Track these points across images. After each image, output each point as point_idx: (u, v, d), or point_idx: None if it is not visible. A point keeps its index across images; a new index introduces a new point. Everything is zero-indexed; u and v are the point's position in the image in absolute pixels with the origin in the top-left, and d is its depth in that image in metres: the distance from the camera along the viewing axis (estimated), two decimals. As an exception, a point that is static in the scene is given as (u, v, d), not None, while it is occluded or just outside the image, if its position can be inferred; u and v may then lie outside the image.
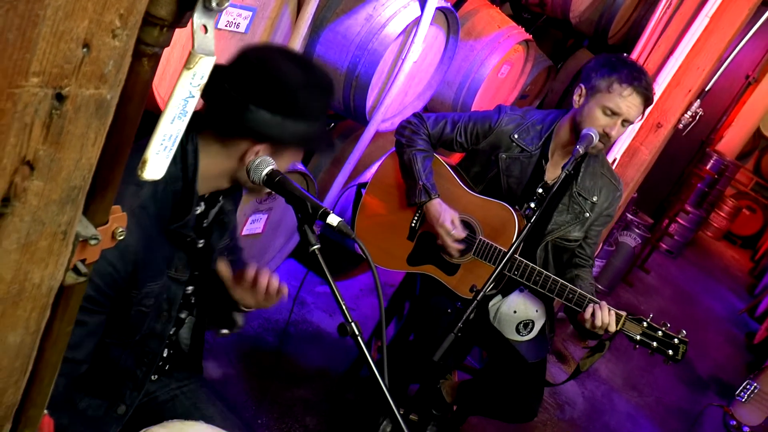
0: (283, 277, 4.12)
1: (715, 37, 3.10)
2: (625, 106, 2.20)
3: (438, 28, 3.15)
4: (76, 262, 0.71)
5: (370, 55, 2.73)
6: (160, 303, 1.52)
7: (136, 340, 1.51)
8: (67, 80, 0.62)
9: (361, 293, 4.11)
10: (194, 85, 0.69)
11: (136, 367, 1.55)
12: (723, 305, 7.83)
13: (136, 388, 1.57)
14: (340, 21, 2.75)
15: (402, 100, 3.28)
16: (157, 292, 1.48)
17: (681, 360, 2.18)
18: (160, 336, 1.57)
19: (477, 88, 3.72)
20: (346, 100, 2.89)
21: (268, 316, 3.39)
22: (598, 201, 2.40)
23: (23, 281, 0.68)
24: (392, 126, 3.33)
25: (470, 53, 3.70)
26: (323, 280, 1.36)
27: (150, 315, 1.50)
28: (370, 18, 2.73)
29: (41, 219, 0.66)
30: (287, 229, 3.06)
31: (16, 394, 0.75)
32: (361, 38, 2.73)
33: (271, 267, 3.06)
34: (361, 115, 2.95)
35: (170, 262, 1.50)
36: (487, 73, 3.68)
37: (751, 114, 9.97)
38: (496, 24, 3.80)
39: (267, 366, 3.07)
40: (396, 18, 2.73)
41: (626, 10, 5.00)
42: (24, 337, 0.72)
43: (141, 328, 1.50)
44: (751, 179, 12.32)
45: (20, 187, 0.61)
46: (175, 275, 1.53)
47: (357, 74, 2.76)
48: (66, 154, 0.65)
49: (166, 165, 0.73)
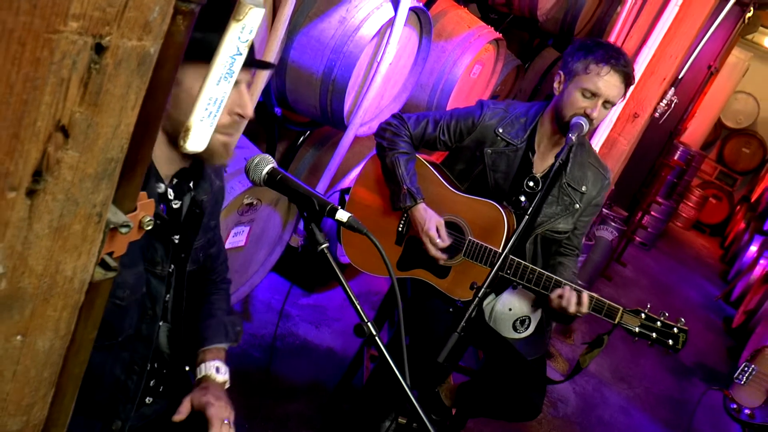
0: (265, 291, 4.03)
1: (685, 25, 3.12)
2: (604, 85, 2.17)
3: (411, 29, 3.12)
4: (103, 255, 0.63)
5: (346, 58, 2.68)
6: (142, 300, 1.45)
7: (119, 341, 1.43)
8: (109, 27, 0.54)
9: (346, 303, 4.04)
10: (242, 41, 0.62)
11: (126, 376, 1.47)
12: (699, 293, 7.93)
13: (130, 400, 1.49)
14: (314, 25, 2.70)
15: (378, 103, 3.24)
16: (132, 284, 1.40)
17: (681, 349, 2.15)
18: (147, 338, 1.49)
19: (451, 89, 3.70)
20: (323, 105, 2.83)
21: (253, 332, 3.31)
22: (587, 191, 2.38)
23: (54, 274, 0.60)
24: (370, 130, 3.29)
25: (442, 54, 3.68)
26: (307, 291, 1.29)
27: (131, 312, 1.43)
28: (344, 20, 2.69)
29: (75, 198, 0.58)
30: (269, 242, 2.99)
31: (43, 410, 0.67)
32: (336, 41, 2.68)
33: (255, 281, 2.98)
34: (339, 120, 2.90)
35: (145, 251, 1.43)
36: (459, 73, 3.66)
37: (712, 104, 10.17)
38: (465, 24, 3.78)
39: (256, 382, 2.98)
40: (370, 20, 2.69)
41: (590, 7, 5.05)
42: (53, 341, 0.63)
43: (122, 328, 1.42)
44: (715, 168, 12.59)
45: (53, 158, 0.53)
46: (153, 268, 1.46)
47: (333, 78, 2.71)
48: (104, 119, 0.57)
49: (210, 134, 0.65)
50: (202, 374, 1.62)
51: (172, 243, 1.51)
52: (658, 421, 4.43)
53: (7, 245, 0.54)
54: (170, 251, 1.51)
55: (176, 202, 1.52)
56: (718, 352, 6.20)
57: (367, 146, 3.57)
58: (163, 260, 1.48)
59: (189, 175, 1.52)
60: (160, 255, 1.47)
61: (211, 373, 1.61)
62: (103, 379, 1.45)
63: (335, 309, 3.92)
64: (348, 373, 2.93)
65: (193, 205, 1.55)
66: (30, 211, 0.55)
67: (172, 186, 1.49)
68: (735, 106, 12.51)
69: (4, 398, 0.61)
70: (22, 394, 0.63)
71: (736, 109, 12.60)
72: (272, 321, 3.49)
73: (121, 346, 1.46)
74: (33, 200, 0.55)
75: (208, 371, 1.62)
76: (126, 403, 1.50)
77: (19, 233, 0.54)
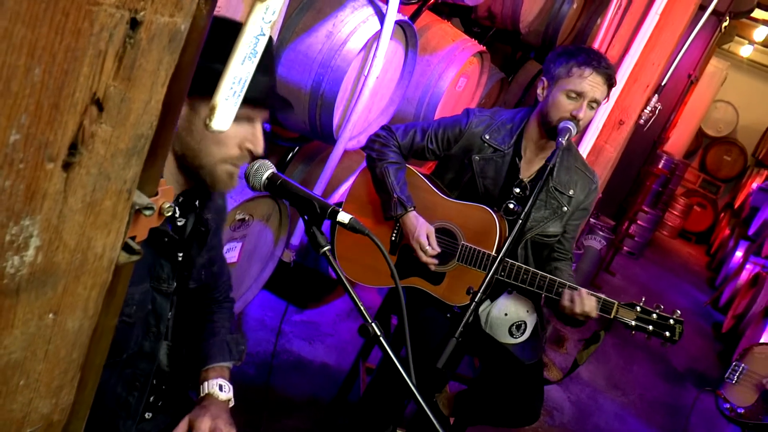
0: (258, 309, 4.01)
1: (665, 33, 3.18)
2: (588, 85, 2.22)
3: (397, 43, 3.15)
4: (126, 239, 0.63)
5: (334, 73, 2.70)
6: (147, 317, 1.45)
7: (124, 359, 1.43)
8: (144, 2, 0.55)
9: (338, 318, 4.03)
10: (266, 21, 0.63)
11: (127, 393, 1.46)
12: (687, 300, 7.99)
13: (130, 416, 1.48)
14: (301, 40, 2.72)
15: (367, 116, 3.26)
16: (138, 300, 1.41)
17: (678, 340, 2.16)
18: (150, 355, 1.49)
19: (437, 103, 3.73)
20: (312, 120, 2.85)
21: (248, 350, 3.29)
22: (574, 194, 2.41)
23: (86, 250, 0.60)
24: (359, 144, 3.31)
25: (427, 68, 3.71)
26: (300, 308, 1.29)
27: (136, 330, 1.43)
28: (331, 35, 2.71)
29: (107, 173, 0.59)
30: (262, 258, 2.98)
31: (71, 394, 0.66)
32: (323, 56, 2.70)
33: (249, 297, 2.98)
34: (328, 134, 2.91)
35: (152, 268, 1.44)
36: (445, 86, 3.70)
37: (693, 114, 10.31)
38: (450, 38, 3.83)
39: (253, 399, 2.96)
40: (356, 33, 2.72)
41: (570, 20, 5.12)
42: (83, 321, 0.63)
43: (128, 345, 1.42)
44: (698, 177, 12.75)
45: (88, 131, 0.54)
46: (159, 285, 1.46)
47: (322, 92, 2.73)
48: (136, 94, 0.58)
49: (234, 114, 0.66)
50: (205, 392, 1.60)
51: (176, 260, 1.52)
52: (653, 426, 4.44)
53: (44, 218, 0.54)
54: (176, 269, 1.52)
55: (181, 219, 1.53)
56: (708, 357, 6.23)
57: (356, 161, 3.58)
58: (169, 277, 1.49)
59: (195, 194, 1.53)
60: (167, 272, 1.48)
61: (214, 391, 1.60)
62: (105, 396, 1.44)
63: (328, 324, 3.91)
64: (344, 388, 2.92)
65: (198, 222, 1.56)
66: (66, 184, 0.55)
67: (178, 204, 1.51)
68: (715, 114, 12.71)
69: (36, 378, 0.61)
70: (52, 375, 0.62)
71: (716, 117, 12.79)
72: (266, 338, 3.47)
73: (125, 363, 1.46)
74: (69, 173, 0.55)
75: (211, 389, 1.60)
76: (126, 419, 1.49)
77: (55, 206, 0.54)
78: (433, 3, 3.91)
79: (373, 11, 2.79)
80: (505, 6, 4.07)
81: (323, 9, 2.76)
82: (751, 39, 10.82)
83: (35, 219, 0.55)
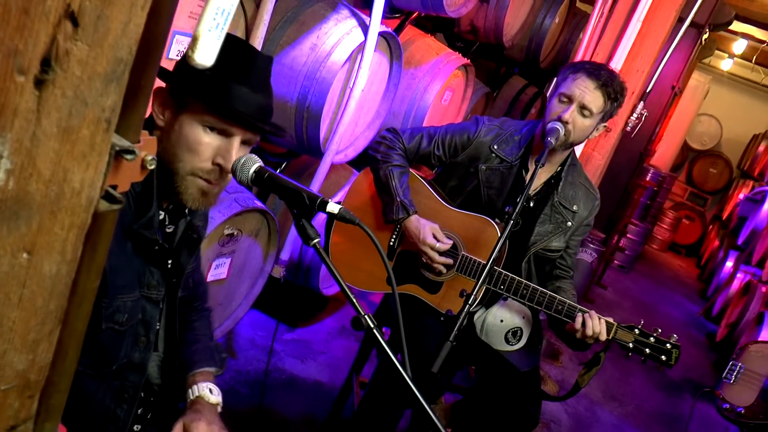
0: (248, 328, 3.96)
1: (648, 40, 3.21)
2: (577, 89, 2.21)
3: (381, 55, 3.16)
4: (107, 187, 0.60)
5: (319, 85, 2.69)
6: (136, 327, 1.41)
7: (113, 370, 1.39)
8: None
9: (330, 336, 3.99)
10: None
11: (116, 405, 1.43)
12: (680, 311, 7.98)
13: (119, 429, 1.45)
14: (285, 53, 2.72)
15: (353, 130, 3.25)
16: (129, 308, 1.39)
17: (674, 364, 2.14)
18: (140, 367, 1.46)
19: (423, 116, 3.73)
20: (299, 133, 2.84)
21: (239, 369, 3.23)
22: (578, 210, 2.39)
23: (62, 182, 0.57)
24: (345, 158, 3.29)
25: (412, 81, 3.72)
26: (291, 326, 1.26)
27: (126, 340, 1.40)
28: (315, 47, 2.71)
29: (84, 97, 0.56)
30: (251, 273, 2.94)
31: (49, 351, 0.62)
32: (308, 68, 2.70)
33: (239, 314, 2.93)
34: (315, 147, 2.90)
35: (142, 276, 1.42)
36: (431, 100, 3.70)
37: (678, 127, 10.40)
38: (434, 51, 3.84)
39: (246, 418, 2.91)
40: (340, 45, 2.72)
41: (553, 34, 5.17)
42: (60, 266, 0.59)
43: (117, 355, 1.39)
44: (686, 190, 12.84)
45: (62, 47, 0.51)
46: (149, 293, 1.44)
47: (308, 105, 2.72)
48: (114, 13, 0.55)
49: (217, 49, 0.63)
50: (195, 395, 1.56)
51: (166, 267, 1.50)
52: (652, 437, 4.40)
53: (15, 137, 0.51)
54: (165, 276, 1.50)
55: (170, 226, 1.51)
56: (704, 366, 6.21)
57: (343, 176, 3.57)
58: (159, 284, 1.47)
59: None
60: (156, 279, 1.47)
61: (205, 393, 1.56)
62: (93, 408, 1.41)
63: (320, 342, 3.86)
64: (338, 404, 2.87)
65: (189, 229, 1.54)
66: (38, 103, 0.52)
67: (168, 210, 1.49)
68: (699, 128, 12.85)
69: (11, 328, 0.57)
70: (28, 326, 0.58)
71: (700, 131, 12.93)
72: (257, 357, 3.42)
73: (114, 375, 1.43)
74: (42, 92, 0.53)
75: (201, 392, 1.57)
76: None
77: (27, 126, 0.51)
78: (416, 17, 3.94)
79: (356, 23, 2.80)
80: (488, 19, 4.10)
81: (306, 22, 2.77)
82: (730, 52, 10.96)
83: (5, 137, 0.52)
